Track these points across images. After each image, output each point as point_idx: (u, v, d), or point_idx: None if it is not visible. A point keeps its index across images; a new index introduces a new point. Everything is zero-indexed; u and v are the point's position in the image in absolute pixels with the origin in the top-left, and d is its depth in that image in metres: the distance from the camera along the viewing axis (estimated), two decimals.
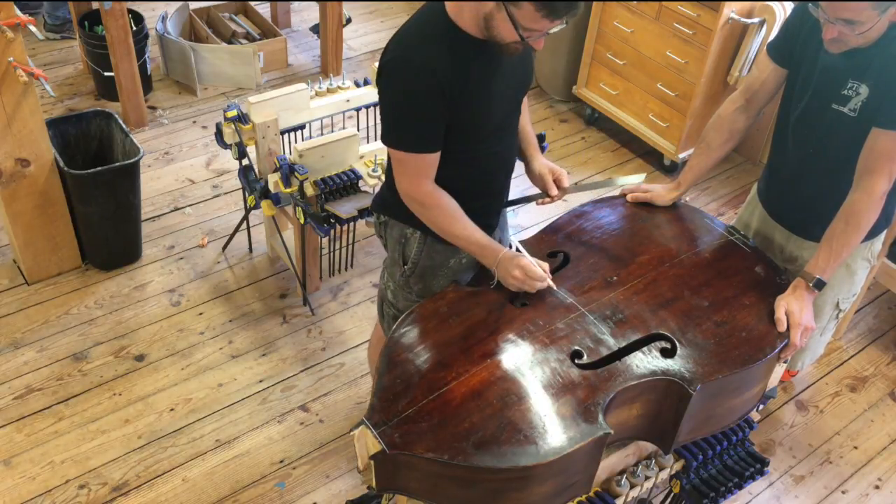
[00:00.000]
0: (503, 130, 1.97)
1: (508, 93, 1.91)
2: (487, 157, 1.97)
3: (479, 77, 1.79)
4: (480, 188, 2.01)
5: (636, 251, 2.07)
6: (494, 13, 1.68)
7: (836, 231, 1.96)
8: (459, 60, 1.75)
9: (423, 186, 1.88)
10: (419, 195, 1.89)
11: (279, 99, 2.83)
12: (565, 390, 1.71)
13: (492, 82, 1.83)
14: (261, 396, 2.82)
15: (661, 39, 3.69)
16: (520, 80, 1.96)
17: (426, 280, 2.07)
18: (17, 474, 2.54)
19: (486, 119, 1.88)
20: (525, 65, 1.95)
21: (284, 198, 2.82)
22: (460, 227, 1.91)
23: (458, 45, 1.76)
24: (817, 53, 2.00)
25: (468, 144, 1.89)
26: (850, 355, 3.17)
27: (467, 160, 1.92)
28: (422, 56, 1.73)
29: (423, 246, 2.04)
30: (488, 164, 1.99)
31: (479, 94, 1.81)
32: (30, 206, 2.94)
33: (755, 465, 2.09)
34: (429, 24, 1.78)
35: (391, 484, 1.69)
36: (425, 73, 1.73)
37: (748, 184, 3.95)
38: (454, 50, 1.75)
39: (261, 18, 4.56)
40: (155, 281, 3.20)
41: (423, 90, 1.74)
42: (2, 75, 2.62)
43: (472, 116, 1.84)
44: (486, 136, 1.92)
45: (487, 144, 1.94)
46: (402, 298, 2.13)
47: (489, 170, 2.00)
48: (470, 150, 1.91)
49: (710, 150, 2.24)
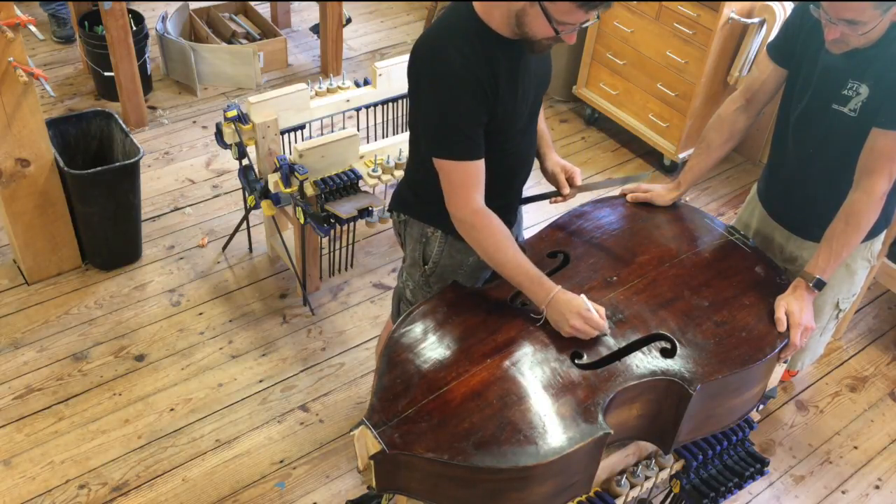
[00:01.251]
0: (527, 129, 1.97)
1: (532, 92, 1.91)
2: (512, 157, 1.96)
3: (508, 77, 1.79)
4: (503, 188, 2.00)
5: (636, 251, 2.07)
6: (527, 9, 1.67)
7: (836, 231, 1.96)
8: (492, 60, 1.75)
9: (473, 202, 1.81)
10: (469, 214, 1.82)
11: (279, 99, 2.83)
12: (565, 390, 1.71)
13: (518, 82, 1.83)
14: (261, 396, 2.82)
15: (661, 39, 3.69)
16: (541, 78, 1.95)
17: (446, 279, 2.06)
18: (17, 474, 2.54)
19: (515, 119, 1.88)
20: (545, 64, 1.96)
21: (284, 198, 2.82)
22: (511, 255, 1.83)
23: (489, 45, 1.75)
24: (817, 53, 2.00)
25: (497, 145, 1.87)
26: (850, 355, 3.17)
27: (494, 160, 1.89)
28: (461, 59, 1.71)
29: (444, 245, 2.03)
30: (512, 163, 1.98)
31: (509, 94, 1.80)
32: (30, 206, 2.94)
33: (755, 465, 2.09)
34: (459, 26, 1.76)
35: (391, 484, 1.69)
36: (467, 76, 1.71)
37: (748, 184, 3.95)
38: (487, 50, 1.74)
39: (261, 18, 4.56)
40: (155, 281, 3.20)
41: (469, 94, 1.72)
42: (2, 75, 2.62)
43: (504, 116, 1.83)
44: (513, 135, 1.91)
45: (513, 144, 1.93)
46: (422, 297, 2.12)
47: (513, 169, 2.00)
48: (497, 151, 1.89)
49: (710, 151, 2.24)
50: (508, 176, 2.01)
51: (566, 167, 2.12)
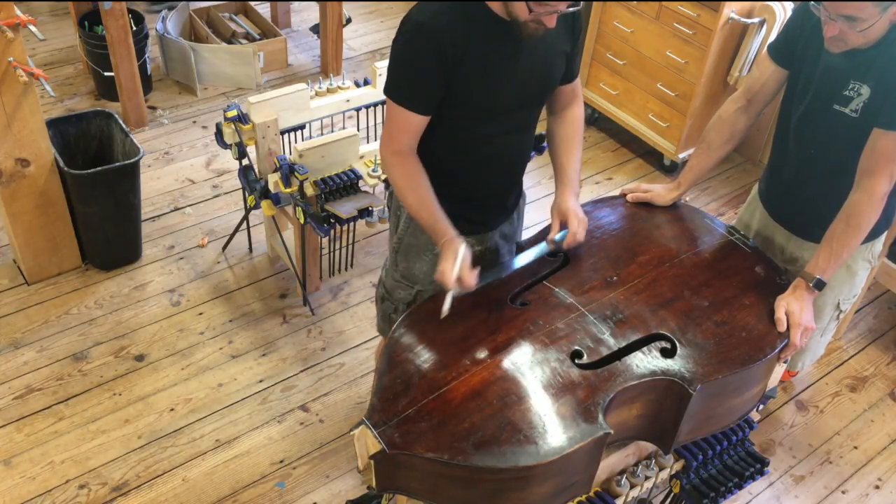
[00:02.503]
0: (511, 121, 1.95)
1: (524, 83, 1.89)
2: (485, 147, 1.95)
3: (494, 55, 1.80)
4: (470, 180, 2.00)
5: (636, 251, 2.07)
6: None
7: (836, 231, 1.96)
8: (477, 34, 1.77)
9: (398, 144, 1.87)
10: (391, 153, 1.88)
11: (279, 99, 2.83)
12: (565, 390, 1.71)
13: (507, 65, 1.83)
14: (261, 396, 2.82)
15: (661, 39, 3.69)
16: (541, 75, 1.93)
17: (409, 260, 2.08)
18: (17, 474, 2.54)
19: (493, 100, 1.87)
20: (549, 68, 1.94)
21: (284, 198, 2.82)
22: (419, 196, 1.88)
23: (480, 19, 1.77)
24: (818, 54, 2.00)
25: (466, 126, 1.89)
26: (850, 355, 3.17)
27: (463, 145, 1.92)
28: (435, 20, 1.75)
29: (409, 221, 2.04)
30: (486, 155, 1.96)
31: (491, 72, 1.81)
32: (30, 206, 2.94)
33: (755, 465, 2.09)
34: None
35: (391, 484, 1.69)
36: (432, 34, 1.75)
37: (748, 184, 3.95)
38: (475, 23, 1.77)
39: (261, 18, 4.56)
40: (155, 281, 3.20)
41: (423, 49, 1.76)
42: (2, 75, 2.62)
43: (478, 92, 1.83)
44: (489, 118, 1.91)
45: (489, 129, 1.92)
46: (391, 278, 2.15)
47: (484, 162, 1.98)
48: (467, 134, 1.91)
49: (711, 151, 2.24)
50: (477, 169, 1.99)
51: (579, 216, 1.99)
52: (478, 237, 2.07)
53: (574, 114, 2.11)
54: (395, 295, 2.15)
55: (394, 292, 2.16)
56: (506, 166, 2.05)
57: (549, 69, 1.94)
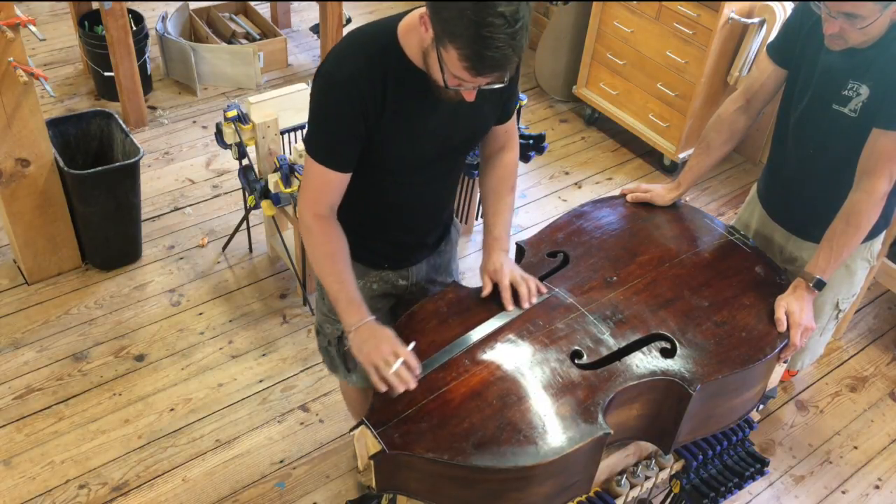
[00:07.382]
0: (433, 170, 1.85)
1: (447, 136, 1.77)
2: (409, 191, 1.85)
3: (414, 108, 1.69)
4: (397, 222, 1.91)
5: (636, 251, 2.07)
6: (430, 50, 1.56)
7: (836, 231, 1.96)
8: (396, 86, 1.65)
9: (318, 207, 1.76)
10: (310, 216, 1.77)
11: (279, 99, 2.83)
12: (565, 390, 1.71)
13: (423, 118, 1.71)
14: (261, 396, 2.82)
15: (661, 39, 3.69)
16: (463, 130, 1.79)
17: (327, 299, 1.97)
18: (17, 474, 2.54)
19: (413, 152, 1.76)
20: (475, 118, 1.79)
21: (284, 198, 2.82)
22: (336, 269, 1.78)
23: (391, 66, 1.64)
24: (818, 54, 2.00)
25: (388, 174, 1.79)
26: (850, 355, 3.17)
27: (378, 192, 1.83)
28: (351, 72, 1.63)
29: None
30: (410, 198, 1.88)
31: (411, 125, 1.70)
32: (30, 206, 2.94)
33: (755, 465, 2.09)
34: (374, 40, 1.67)
35: (391, 484, 1.69)
36: (348, 89, 1.63)
37: (748, 184, 3.95)
38: (387, 70, 1.64)
39: (261, 18, 4.56)
40: (155, 281, 3.20)
41: (349, 107, 1.64)
42: (2, 75, 2.62)
43: (398, 146, 1.73)
44: (411, 169, 1.80)
45: (410, 178, 1.82)
46: (319, 311, 2.09)
47: (411, 205, 1.90)
48: (389, 179, 1.81)
49: (711, 151, 2.24)
50: (398, 215, 1.90)
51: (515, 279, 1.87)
52: (401, 272, 2.01)
53: (505, 160, 1.96)
54: (325, 329, 2.10)
55: (323, 326, 2.10)
56: (429, 212, 1.97)
57: (475, 120, 1.80)
